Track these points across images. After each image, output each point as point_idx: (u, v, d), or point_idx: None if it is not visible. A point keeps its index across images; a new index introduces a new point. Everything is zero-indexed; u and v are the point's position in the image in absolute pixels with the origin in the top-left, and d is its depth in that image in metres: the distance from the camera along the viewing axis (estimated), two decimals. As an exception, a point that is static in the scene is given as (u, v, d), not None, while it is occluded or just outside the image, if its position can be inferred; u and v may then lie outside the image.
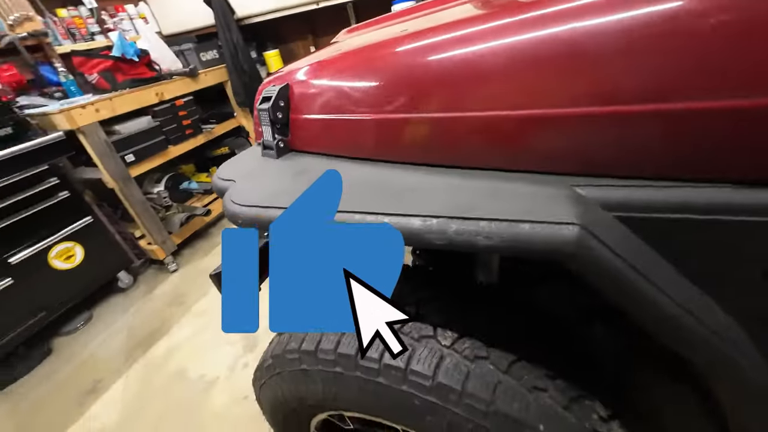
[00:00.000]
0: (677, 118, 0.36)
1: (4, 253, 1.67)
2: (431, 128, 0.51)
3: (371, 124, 0.56)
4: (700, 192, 0.37)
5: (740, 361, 0.39)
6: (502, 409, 0.49)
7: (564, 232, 0.36)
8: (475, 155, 0.50)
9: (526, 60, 0.42)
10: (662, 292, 0.37)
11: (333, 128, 0.62)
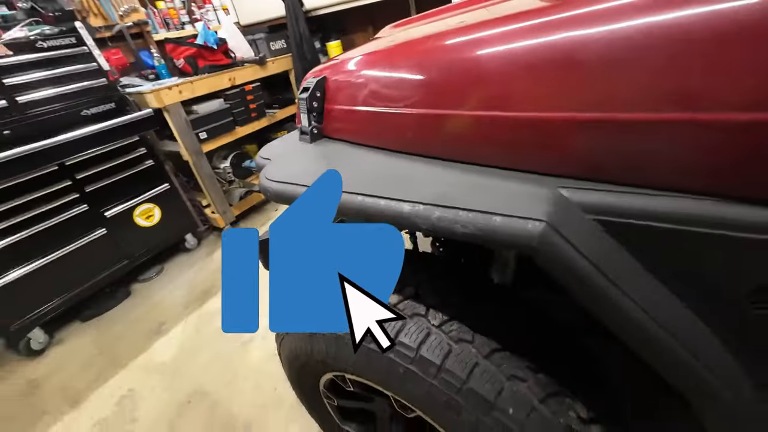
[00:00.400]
0: (663, 128, 0.37)
1: (101, 207, 2.01)
2: (438, 124, 0.55)
3: (385, 117, 0.61)
4: (681, 203, 0.37)
5: (709, 377, 0.39)
6: (475, 388, 0.53)
7: (528, 226, 0.38)
8: (476, 152, 0.53)
9: (520, 65, 0.44)
10: (626, 295, 0.38)
11: (356, 119, 0.69)
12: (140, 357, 1.76)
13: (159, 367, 1.68)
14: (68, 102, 1.82)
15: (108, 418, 1.48)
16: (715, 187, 0.36)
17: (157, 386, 1.58)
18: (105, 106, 1.95)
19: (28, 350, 1.86)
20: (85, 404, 1.56)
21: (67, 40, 1.79)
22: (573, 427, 0.54)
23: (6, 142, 1.64)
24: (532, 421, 0.52)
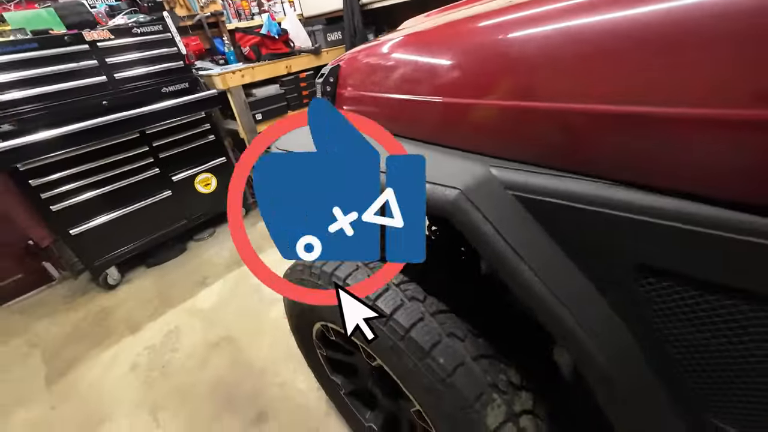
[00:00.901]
0: (570, 116, 0.42)
1: (170, 172, 2.35)
2: (410, 109, 0.64)
3: (372, 100, 0.71)
4: (580, 184, 0.43)
5: (599, 357, 0.44)
6: (414, 337, 0.61)
7: (446, 192, 0.46)
8: (438, 134, 0.61)
9: (464, 60, 0.51)
10: (522, 259, 0.44)
11: (354, 102, 0.79)
12: (187, 302, 2.05)
13: (199, 312, 1.95)
14: (151, 80, 2.15)
15: (155, 346, 1.77)
16: (604, 172, 0.41)
17: (196, 327, 1.85)
18: (180, 85, 2.27)
19: (105, 284, 2.26)
20: (141, 332, 1.88)
21: (156, 27, 2.10)
22: (499, 387, 0.60)
23: (103, 110, 2.00)
24: (460, 373, 0.59)
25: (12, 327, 2.12)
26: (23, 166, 1.83)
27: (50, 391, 1.63)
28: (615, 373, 0.43)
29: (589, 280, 0.46)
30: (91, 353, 1.80)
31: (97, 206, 2.11)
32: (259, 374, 1.53)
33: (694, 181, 0.35)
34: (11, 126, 1.76)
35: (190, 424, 1.37)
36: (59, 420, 1.49)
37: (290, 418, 1.33)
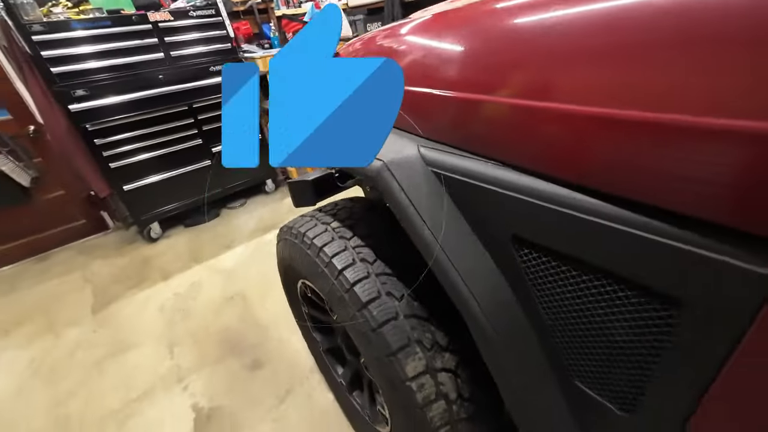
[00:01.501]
0: (473, 105, 0.50)
1: (210, 144, 2.60)
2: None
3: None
4: (478, 164, 0.50)
5: (485, 323, 0.51)
6: (356, 291, 0.71)
7: (375, 163, 0.55)
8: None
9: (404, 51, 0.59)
10: (426, 225, 0.53)
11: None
12: (212, 260, 2.30)
13: (221, 271, 2.19)
14: (201, 59, 2.39)
15: (180, 293, 2.02)
16: (493, 153, 0.48)
17: (216, 282, 2.08)
18: (226, 65, 2.49)
19: (148, 237, 2.58)
20: (170, 280, 2.15)
21: (209, 11, 2.33)
22: (423, 344, 0.69)
23: (160, 83, 2.26)
24: (389, 325, 0.68)
25: (73, 263, 2.50)
26: (92, 126, 2.15)
27: (94, 318, 1.94)
28: (491, 328, 0.51)
29: (483, 247, 0.53)
30: (129, 292, 2.10)
31: (148, 168, 2.41)
32: (262, 329, 1.71)
33: (547, 163, 0.41)
34: (84, 92, 2.07)
35: (198, 360, 1.58)
36: (98, 341, 1.77)
37: (280, 369, 1.49)
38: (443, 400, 0.69)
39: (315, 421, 1.27)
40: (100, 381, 1.55)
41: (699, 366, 0.35)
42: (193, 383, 1.48)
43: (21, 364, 1.70)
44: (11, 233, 2.49)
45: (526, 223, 0.45)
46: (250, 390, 1.42)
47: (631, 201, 0.35)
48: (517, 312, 0.52)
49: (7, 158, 2.34)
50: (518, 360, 0.52)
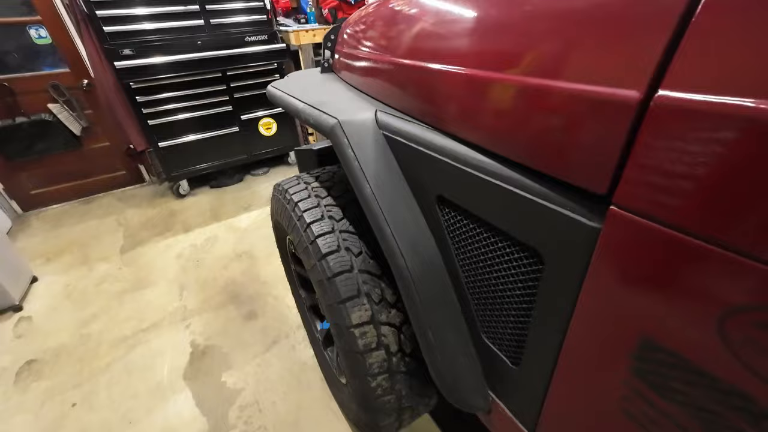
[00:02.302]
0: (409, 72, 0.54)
1: (239, 111, 2.74)
2: (350, 61, 0.78)
3: (348, 56, 0.85)
4: (429, 133, 0.54)
5: (401, 259, 0.56)
6: (318, 243, 0.78)
7: (329, 121, 0.61)
8: (362, 83, 0.74)
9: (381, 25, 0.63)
10: (367, 181, 0.58)
11: (345, 56, 0.94)
12: (229, 219, 2.46)
13: (236, 229, 2.35)
14: (238, 29, 2.50)
15: (197, 245, 2.20)
16: (423, 118, 0.52)
17: (229, 239, 2.24)
18: (260, 37, 2.59)
19: (177, 193, 2.79)
20: (190, 233, 2.34)
21: (249, -18, 2.42)
22: (372, 297, 0.75)
23: (197, 48, 2.41)
24: (342, 277, 0.75)
25: (111, 208, 2.77)
26: (135, 83, 2.33)
27: (122, 257, 2.16)
28: (407, 270, 0.56)
29: (417, 205, 0.58)
30: (154, 239, 2.31)
31: (181, 128, 2.59)
32: (261, 285, 1.84)
33: (455, 127, 0.45)
34: (130, 51, 2.25)
35: (202, 304, 1.74)
36: (122, 276, 1.99)
37: (271, 321, 1.61)
38: (383, 350, 0.75)
39: (293, 371, 1.38)
40: (119, 310, 1.76)
41: (558, 315, 0.39)
42: (195, 323, 1.64)
43: (58, 287, 1.95)
44: (62, 175, 2.79)
45: (447, 185, 0.49)
46: (242, 336, 1.56)
47: (509, 160, 0.38)
48: (437, 263, 0.56)
49: (63, 107, 2.61)
50: (432, 301, 0.56)
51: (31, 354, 1.55)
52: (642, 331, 0.30)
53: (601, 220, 0.31)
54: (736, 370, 0.25)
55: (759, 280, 0.22)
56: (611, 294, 0.32)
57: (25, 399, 1.36)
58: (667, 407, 0.31)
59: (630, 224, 0.28)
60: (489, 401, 0.59)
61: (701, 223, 0.24)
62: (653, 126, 0.25)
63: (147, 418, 1.26)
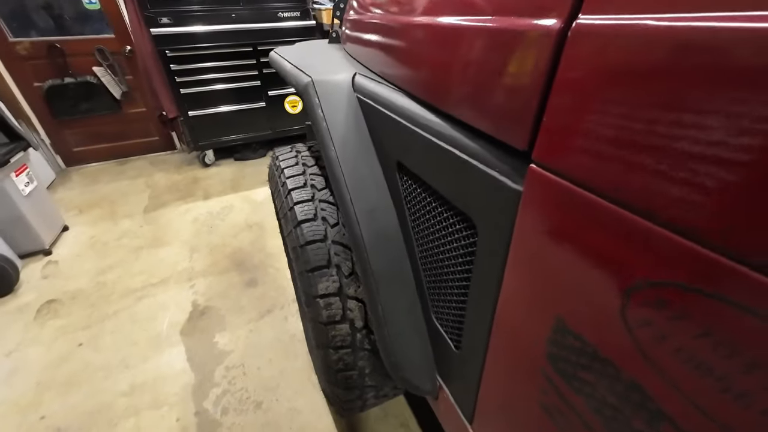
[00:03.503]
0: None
1: (267, 87, 2.79)
2: (352, 30, 0.75)
3: (354, 23, 0.83)
4: (394, 95, 0.51)
5: (357, 225, 0.54)
6: (296, 210, 0.77)
7: (304, 79, 0.59)
8: (354, 51, 0.71)
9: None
10: (332, 143, 0.56)
11: (352, 24, 0.92)
12: (247, 191, 2.53)
13: (251, 201, 2.41)
14: (272, 4, 2.52)
15: (213, 212, 2.29)
16: (401, 84, 0.49)
17: (244, 210, 2.30)
18: (293, 13, 2.60)
19: (203, 162, 2.90)
20: (209, 201, 2.43)
21: (286, -44, 2.42)
22: (341, 270, 0.73)
23: (232, 20, 2.46)
24: (315, 246, 0.73)
25: (142, 170, 2.92)
26: (171, 52, 2.42)
27: (144, 216, 2.28)
28: (360, 234, 0.53)
29: (382, 171, 0.55)
30: (175, 203, 2.42)
31: (211, 99, 2.67)
32: (266, 256, 1.88)
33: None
34: (168, 20, 2.33)
35: (209, 267, 1.81)
36: (142, 234, 2.10)
37: (269, 291, 1.65)
38: (347, 324, 0.74)
39: (282, 340, 1.41)
40: (133, 264, 1.86)
41: (488, 293, 0.35)
42: (199, 284, 1.71)
43: (84, 237, 2.09)
44: (102, 136, 2.97)
45: (404, 150, 0.46)
46: (240, 301, 1.60)
47: (454, 120, 0.35)
48: (394, 235, 0.54)
49: (107, 71, 2.76)
50: (385, 274, 0.54)
51: (53, 294, 1.68)
52: (556, 311, 0.27)
53: (522, 182, 0.27)
54: (635, 359, 0.21)
55: (669, 253, 0.18)
56: (530, 268, 0.28)
57: (41, 333, 1.48)
58: (575, 400, 0.27)
59: (548, 185, 0.24)
60: (437, 386, 0.56)
61: (616, 185, 0.20)
62: (571, 62, 0.21)
63: (142, 365, 1.33)
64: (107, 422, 1.15)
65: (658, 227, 0.19)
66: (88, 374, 1.30)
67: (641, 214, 0.19)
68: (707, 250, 0.16)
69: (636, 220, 0.20)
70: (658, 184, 0.18)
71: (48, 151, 2.82)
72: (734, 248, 0.16)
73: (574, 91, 0.21)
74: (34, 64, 2.59)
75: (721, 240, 0.16)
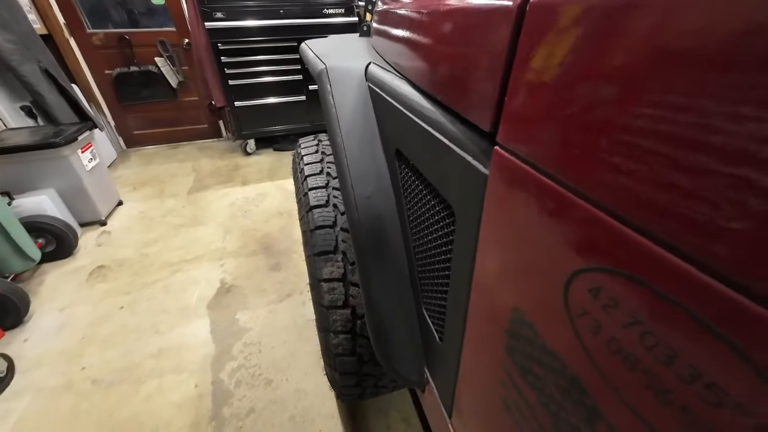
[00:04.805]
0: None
1: (307, 81, 2.87)
2: (378, 23, 0.76)
3: (383, 15, 0.84)
4: (396, 82, 0.52)
5: (355, 210, 0.55)
6: (309, 195, 0.80)
7: (319, 66, 0.61)
8: (379, 47, 0.72)
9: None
10: (340, 129, 0.57)
11: (381, 15, 0.93)
12: (282, 180, 2.64)
13: (285, 190, 2.50)
14: (318, 0, 2.60)
15: (248, 198, 2.41)
16: (403, 71, 0.49)
17: (277, 197, 2.40)
18: (338, 10, 2.66)
19: (244, 150, 3.06)
20: (246, 187, 2.56)
21: (335, -46, 2.48)
22: (347, 257, 0.75)
23: (279, 15, 2.56)
24: (323, 231, 0.76)
25: (190, 155, 3.14)
26: (222, 45, 2.58)
27: (187, 197, 2.46)
28: (362, 229, 0.54)
29: (385, 159, 0.55)
30: (215, 186, 2.58)
31: (255, 91, 2.81)
32: (293, 242, 1.95)
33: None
34: (222, 14, 2.48)
35: (239, 248, 1.91)
36: (183, 212, 2.27)
37: (291, 276, 1.71)
38: (349, 310, 0.75)
39: (298, 324, 1.46)
40: (173, 240, 2.01)
41: (463, 283, 0.35)
42: (228, 264, 1.81)
43: (135, 212, 2.29)
44: (158, 121, 3.23)
45: (401, 137, 0.46)
46: (263, 283, 1.68)
47: (441, 104, 0.35)
48: (391, 222, 0.54)
49: (167, 62, 3.00)
50: (379, 259, 0.54)
51: (103, 261, 1.86)
52: (514, 301, 0.26)
53: (488, 166, 0.26)
54: (576, 352, 0.20)
55: (602, 237, 0.17)
56: (492, 256, 0.27)
57: (90, 294, 1.64)
58: (529, 396, 0.26)
59: (509, 168, 0.24)
60: (424, 379, 0.56)
61: (574, 171, 0.19)
62: (529, 39, 0.20)
63: (170, 332, 1.44)
64: (135, 380, 1.26)
65: (596, 211, 0.18)
66: (124, 335, 1.43)
67: (584, 198, 0.18)
68: (634, 233, 0.15)
69: (581, 204, 0.19)
70: (605, 171, 0.17)
71: (112, 132, 3.12)
72: (661, 232, 0.15)
73: (530, 71, 0.20)
74: (106, 54, 2.87)
75: (647, 223, 0.15)
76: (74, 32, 2.75)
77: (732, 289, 0.12)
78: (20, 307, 1.44)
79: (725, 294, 0.12)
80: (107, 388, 1.23)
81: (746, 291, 0.12)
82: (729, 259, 0.12)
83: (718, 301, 0.13)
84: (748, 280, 0.12)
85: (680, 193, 0.14)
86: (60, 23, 2.67)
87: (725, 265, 0.12)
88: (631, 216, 0.16)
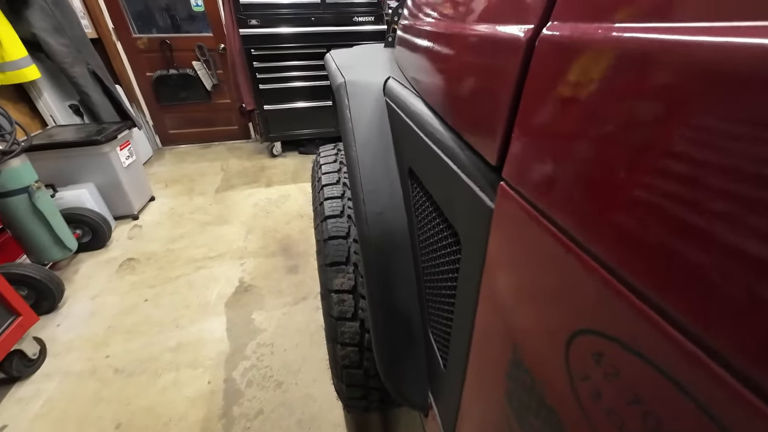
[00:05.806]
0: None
1: (336, 86, 2.92)
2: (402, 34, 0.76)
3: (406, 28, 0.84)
4: (411, 100, 0.51)
5: (366, 224, 0.54)
6: (324, 204, 0.80)
7: (338, 79, 0.61)
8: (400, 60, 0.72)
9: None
10: (354, 143, 0.57)
11: (405, 29, 0.93)
12: (305, 183, 2.68)
13: (307, 194, 2.55)
14: (349, 9, 2.64)
15: (271, 199, 2.47)
16: (417, 88, 0.48)
17: (299, 200, 2.45)
18: (368, 18, 2.69)
19: (271, 152, 3.14)
20: (270, 188, 2.62)
21: (367, -37, 2.51)
22: (359, 268, 0.74)
23: (311, 23, 2.63)
24: (336, 242, 0.76)
25: (220, 155, 3.26)
26: (255, 50, 2.67)
27: (215, 196, 2.55)
28: (371, 245, 0.54)
29: (400, 179, 0.55)
30: (241, 186, 2.66)
31: (284, 95, 2.89)
32: (310, 246, 1.97)
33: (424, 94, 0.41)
34: (256, 21, 2.56)
35: (259, 247, 1.96)
36: (210, 210, 2.35)
37: (308, 279, 1.73)
38: (357, 323, 0.75)
39: (310, 328, 1.47)
40: (198, 237, 2.09)
41: (467, 314, 0.33)
42: (248, 263, 1.85)
43: (165, 208, 2.40)
44: (192, 122, 3.37)
45: (414, 156, 0.46)
46: (280, 284, 1.71)
47: (452, 129, 0.34)
48: (401, 240, 0.53)
49: (203, 66, 3.13)
50: (387, 276, 0.54)
51: (133, 253, 1.96)
52: (514, 341, 0.24)
53: (495, 199, 0.25)
54: (573, 412, 0.18)
55: (612, 303, 0.16)
56: (496, 291, 0.26)
57: (119, 285, 1.73)
58: (526, 447, 0.24)
59: (514, 207, 0.22)
60: (428, 403, 0.54)
61: (579, 223, 0.18)
62: (538, 73, 0.19)
63: (189, 327, 1.49)
64: (153, 371, 1.30)
65: (602, 270, 0.16)
66: (147, 327, 1.49)
67: (589, 253, 0.17)
68: (641, 302, 0.14)
69: (588, 262, 0.17)
70: (615, 230, 0.16)
71: (150, 131, 3.29)
72: (669, 306, 0.13)
73: (538, 106, 0.19)
74: (148, 57, 3.04)
75: (656, 294, 0.13)
76: (121, 37, 2.94)
77: (747, 388, 0.11)
78: (56, 293, 1.53)
79: (737, 390, 0.11)
80: (128, 377, 1.29)
81: (759, 391, 0.10)
82: (741, 351, 0.11)
83: (729, 397, 0.11)
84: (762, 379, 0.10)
85: (697, 272, 0.12)
86: (109, 28, 2.85)
87: (738, 356, 0.11)
88: (638, 283, 0.14)
